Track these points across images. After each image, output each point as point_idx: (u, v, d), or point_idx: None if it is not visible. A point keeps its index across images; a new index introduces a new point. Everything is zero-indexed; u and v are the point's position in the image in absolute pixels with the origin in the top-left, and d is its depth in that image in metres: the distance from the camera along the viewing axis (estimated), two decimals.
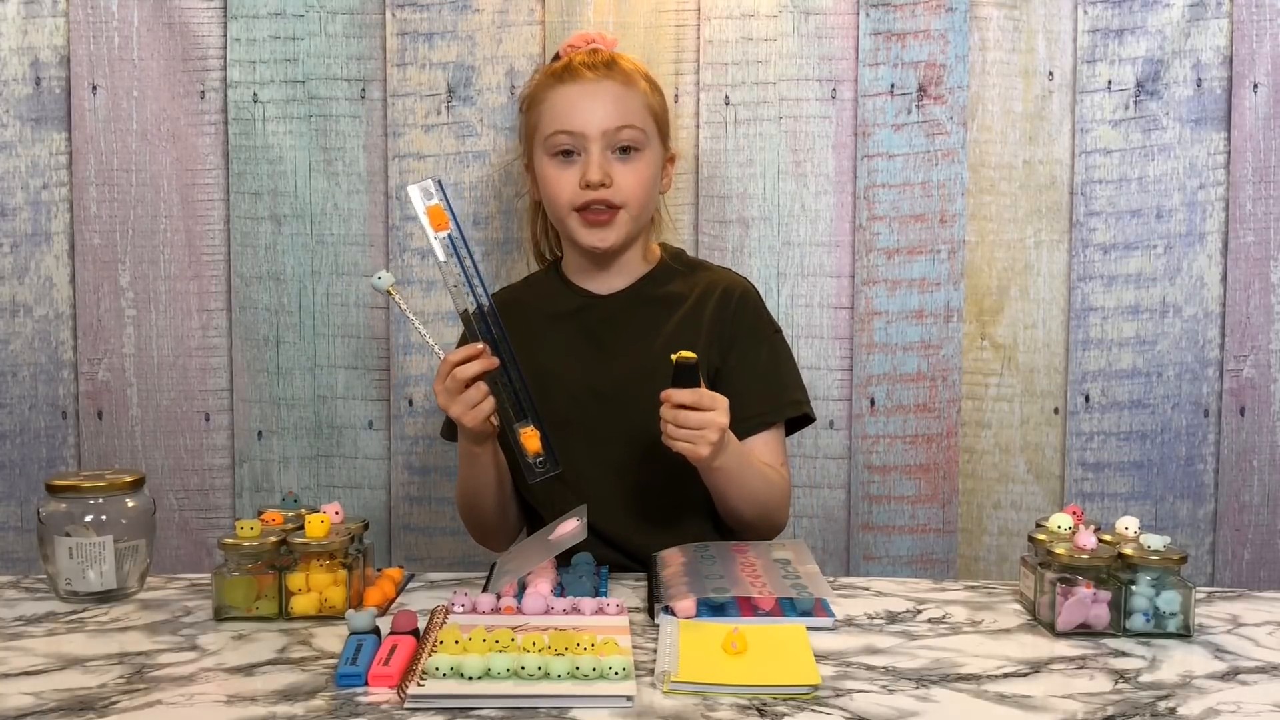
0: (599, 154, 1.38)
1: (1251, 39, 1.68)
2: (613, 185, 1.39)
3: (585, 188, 1.38)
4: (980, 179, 1.72)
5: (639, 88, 1.43)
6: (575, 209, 1.40)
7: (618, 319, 1.44)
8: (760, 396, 1.41)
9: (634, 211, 1.41)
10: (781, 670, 0.95)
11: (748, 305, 1.46)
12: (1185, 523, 1.74)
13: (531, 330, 1.44)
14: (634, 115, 1.41)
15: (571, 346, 1.44)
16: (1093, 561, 1.09)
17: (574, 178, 1.39)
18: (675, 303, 1.45)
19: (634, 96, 1.42)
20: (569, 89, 1.41)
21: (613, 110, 1.39)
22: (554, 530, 1.23)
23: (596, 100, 1.39)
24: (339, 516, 1.19)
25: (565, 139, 1.40)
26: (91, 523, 1.18)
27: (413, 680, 0.91)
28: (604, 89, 1.40)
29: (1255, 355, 1.72)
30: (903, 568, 1.74)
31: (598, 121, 1.39)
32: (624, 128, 1.39)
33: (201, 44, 1.71)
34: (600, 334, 1.44)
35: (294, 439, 1.75)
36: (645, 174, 1.42)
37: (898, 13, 1.70)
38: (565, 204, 1.40)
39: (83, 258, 1.73)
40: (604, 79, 1.41)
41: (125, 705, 0.90)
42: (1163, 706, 0.91)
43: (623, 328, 1.44)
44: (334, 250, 1.73)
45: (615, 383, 1.40)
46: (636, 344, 1.42)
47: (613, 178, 1.39)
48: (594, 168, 1.38)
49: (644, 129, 1.42)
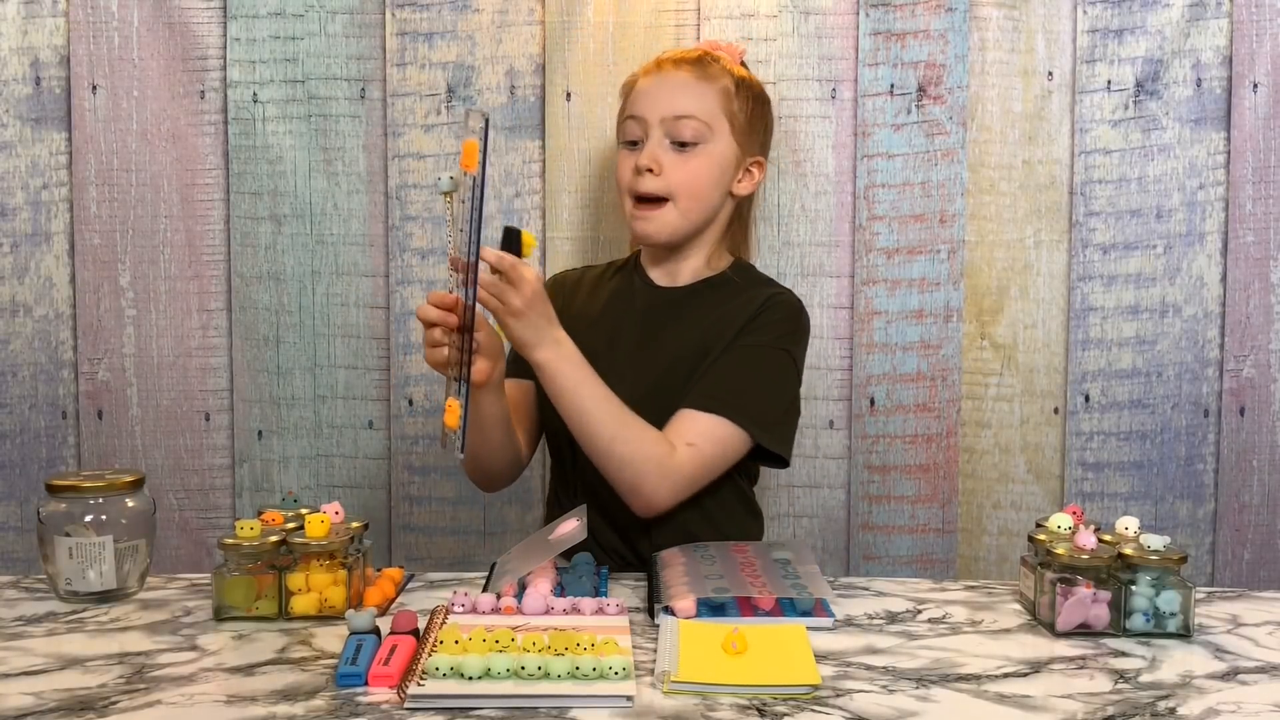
0: (655, 141, 1.40)
1: (1251, 39, 1.68)
2: (661, 174, 1.39)
3: (637, 172, 1.39)
4: (980, 179, 1.72)
5: (718, 84, 1.42)
6: (630, 193, 1.42)
7: (662, 310, 1.44)
8: (712, 383, 1.35)
9: (683, 205, 1.40)
10: (781, 670, 0.95)
11: (772, 308, 1.42)
12: (1185, 523, 1.74)
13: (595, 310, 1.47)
14: (698, 108, 1.40)
15: (618, 327, 1.44)
16: (1093, 561, 1.09)
17: (633, 162, 1.41)
18: (715, 305, 1.43)
19: (708, 91, 1.41)
20: (650, 79, 1.44)
21: (677, 100, 1.40)
22: (554, 530, 1.23)
23: (664, 89, 1.41)
24: (339, 516, 1.19)
25: (632, 125, 1.42)
26: (91, 523, 1.18)
27: (413, 680, 0.91)
28: (675, 79, 1.42)
29: (1255, 355, 1.72)
30: (903, 568, 1.74)
31: (659, 109, 1.40)
32: (684, 118, 1.39)
33: (201, 44, 1.71)
34: (645, 322, 1.45)
35: (294, 439, 1.75)
36: (700, 169, 1.40)
37: (897, 13, 1.70)
38: (624, 188, 1.43)
39: (83, 258, 1.73)
40: (681, 70, 1.42)
41: (125, 705, 0.90)
42: (1163, 706, 0.91)
43: (659, 322, 1.44)
44: (334, 250, 1.73)
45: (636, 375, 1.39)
46: (659, 340, 1.42)
47: (663, 167, 1.39)
48: (645, 154, 1.39)
49: (708, 123, 1.40)
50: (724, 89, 1.42)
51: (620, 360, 1.40)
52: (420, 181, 1.72)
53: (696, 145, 1.40)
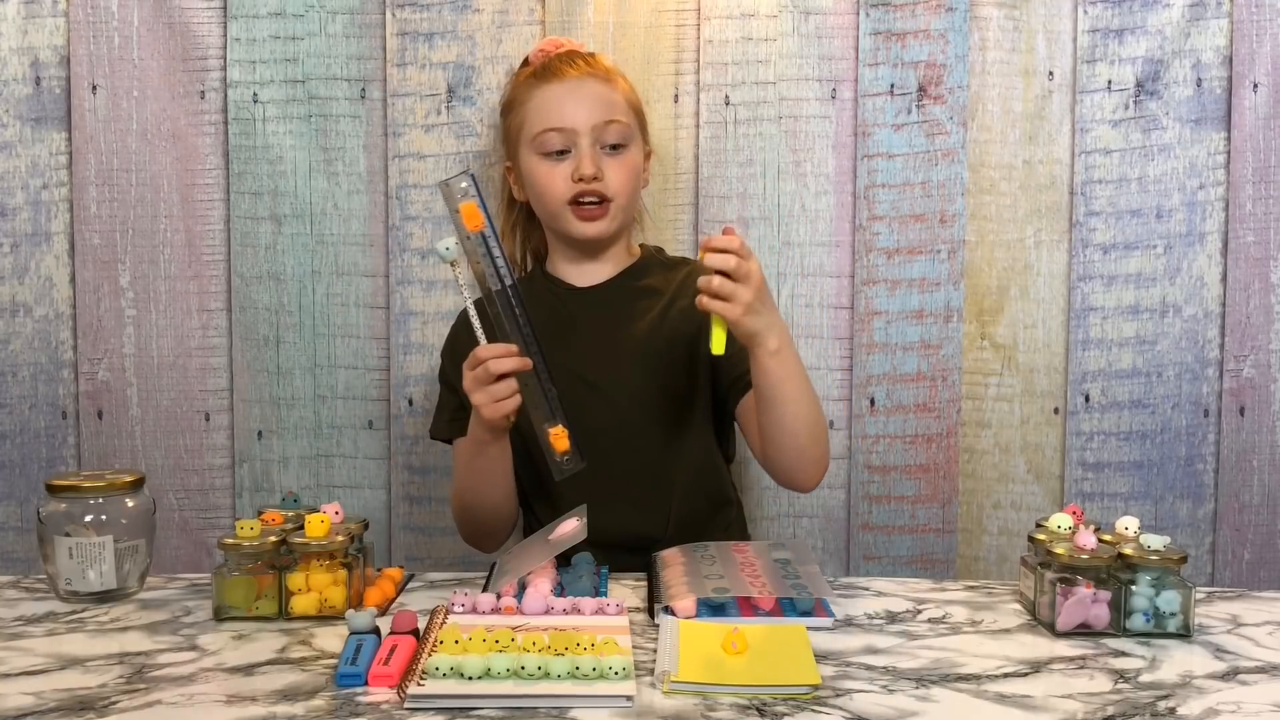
0: (589, 148, 1.41)
1: (1251, 39, 1.68)
2: (604, 179, 1.42)
3: (579, 181, 1.41)
4: (980, 179, 1.72)
5: (620, 85, 1.47)
6: (568, 202, 1.42)
7: (601, 309, 1.46)
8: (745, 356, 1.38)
9: (622, 203, 1.44)
10: (781, 670, 0.95)
11: None
12: (1185, 523, 1.74)
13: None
14: (619, 111, 1.44)
15: (557, 337, 1.44)
16: (1093, 561, 1.09)
17: (566, 172, 1.42)
18: (656, 294, 1.47)
19: (616, 93, 1.46)
20: (553, 88, 1.44)
21: (600, 106, 1.42)
22: (554, 530, 1.23)
23: (582, 96, 1.43)
24: (339, 516, 1.19)
25: (555, 136, 1.42)
26: (91, 523, 1.18)
27: (413, 680, 0.91)
28: (588, 86, 1.44)
29: (1255, 355, 1.72)
30: (903, 568, 1.74)
31: (586, 117, 1.41)
32: (611, 122, 1.42)
33: (201, 44, 1.71)
34: (584, 324, 1.46)
35: (294, 439, 1.75)
36: (632, 167, 1.45)
37: (898, 13, 1.70)
38: (559, 198, 1.43)
39: (83, 258, 1.73)
40: (586, 76, 1.44)
41: (125, 705, 0.90)
42: (1163, 706, 0.91)
43: (606, 317, 1.45)
44: (334, 250, 1.73)
45: (602, 371, 1.42)
46: (620, 332, 1.44)
47: (604, 171, 1.42)
48: (586, 161, 1.41)
49: (629, 124, 1.45)
50: (624, 89, 1.47)
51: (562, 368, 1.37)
52: (420, 181, 1.72)
53: (624, 146, 1.44)
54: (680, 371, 1.44)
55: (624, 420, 1.40)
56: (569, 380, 1.40)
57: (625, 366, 1.42)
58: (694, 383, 1.44)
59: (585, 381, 1.42)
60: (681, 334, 1.43)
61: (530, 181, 1.46)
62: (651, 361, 1.43)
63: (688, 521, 1.43)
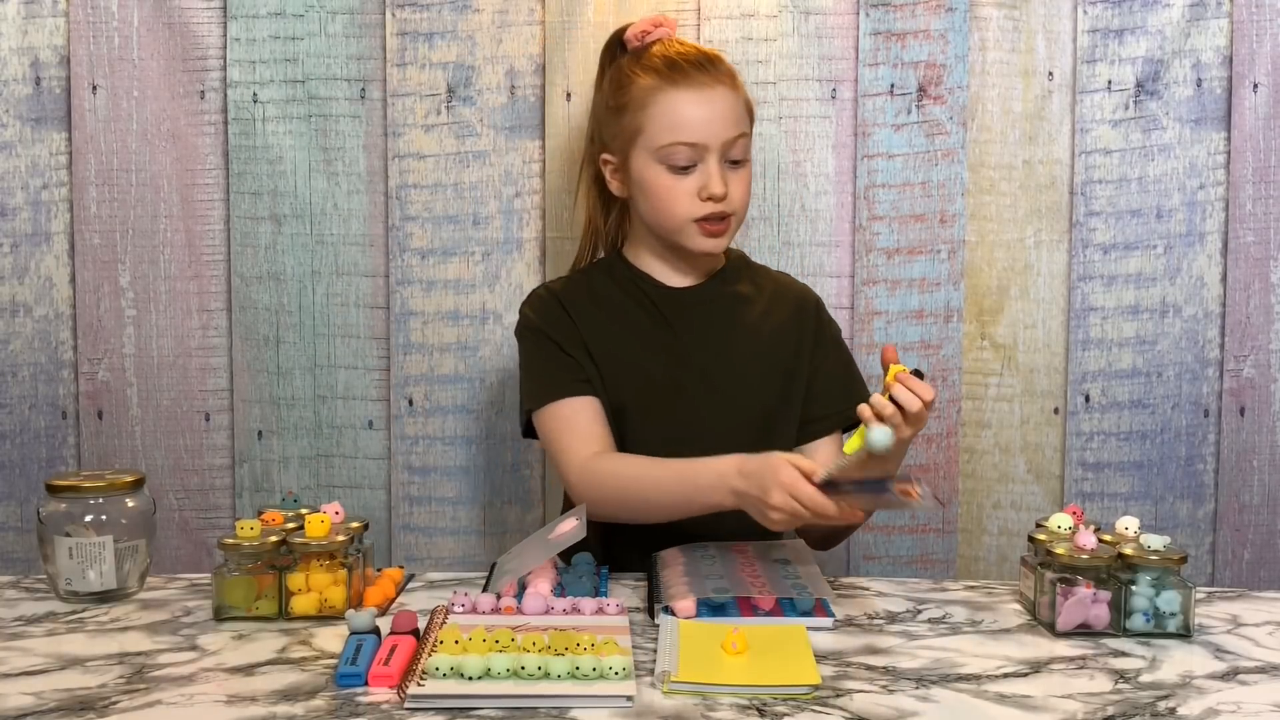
0: (718, 166, 1.35)
1: (1251, 39, 1.68)
2: (729, 197, 1.36)
3: (708, 200, 1.35)
4: (980, 179, 1.72)
5: (742, 91, 1.39)
6: (694, 220, 1.36)
7: (695, 312, 1.43)
8: (834, 397, 1.41)
9: (741, 217, 1.40)
10: (781, 670, 0.95)
11: (823, 313, 1.49)
12: (1185, 523, 1.74)
13: (609, 317, 1.42)
14: (744, 122, 1.38)
15: (648, 335, 1.42)
16: (1093, 561, 1.09)
17: (691, 188, 1.35)
18: (747, 302, 1.45)
19: (741, 101, 1.38)
20: (684, 95, 1.34)
21: (730, 119, 1.35)
22: (554, 530, 1.23)
23: (715, 109, 1.34)
24: (339, 516, 1.19)
25: (684, 151, 1.34)
26: (91, 523, 1.18)
27: (413, 680, 0.91)
28: (719, 96, 1.35)
29: (1255, 355, 1.72)
30: (903, 568, 1.74)
31: (718, 132, 1.34)
32: (739, 137, 1.36)
33: (201, 44, 1.71)
34: (677, 326, 1.42)
35: (294, 439, 1.75)
36: (749, 181, 1.40)
37: (898, 13, 1.69)
38: (684, 215, 1.36)
39: (83, 258, 1.73)
40: (717, 84, 1.36)
41: (125, 705, 0.90)
42: (1163, 706, 0.91)
43: (700, 322, 1.43)
44: (334, 250, 1.73)
45: (692, 375, 1.40)
46: (714, 339, 1.42)
47: (728, 189, 1.35)
48: (716, 181, 1.34)
49: (750, 135, 1.40)
50: (744, 93, 1.40)
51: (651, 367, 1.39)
52: (420, 181, 1.72)
53: (746, 160, 1.39)
54: (777, 382, 1.42)
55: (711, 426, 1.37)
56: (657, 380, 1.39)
57: (715, 372, 1.40)
58: (787, 397, 1.42)
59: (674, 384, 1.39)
60: (781, 347, 1.43)
61: (650, 191, 1.37)
62: (753, 367, 1.41)
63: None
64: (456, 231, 1.72)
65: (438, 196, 1.72)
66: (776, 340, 1.43)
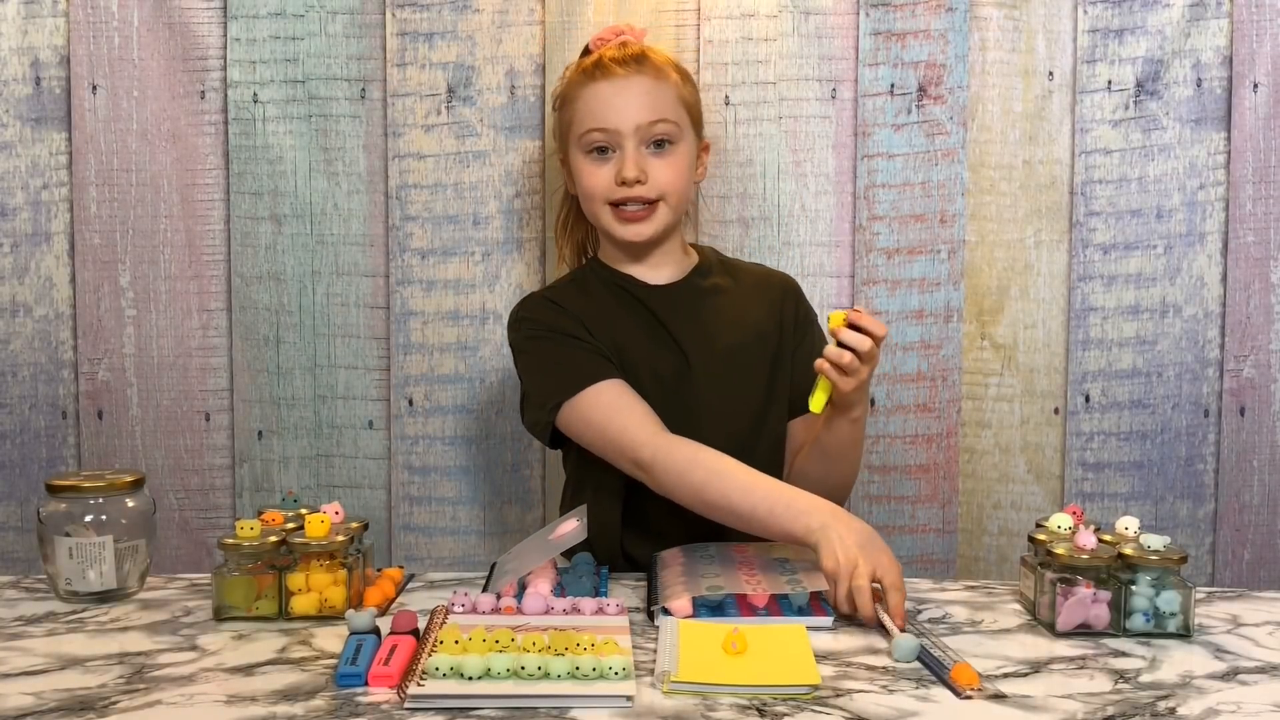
0: (633, 150, 1.40)
1: (1251, 39, 1.68)
2: (648, 181, 1.40)
3: (621, 184, 1.40)
4: (980, 179, 1.72)
5: (670, 80, 1.44)
6: (609, 203, 1.42)
7: (682, 306, 1.45)
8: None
9: (671, 203, 1.43)
10: (781, 670, 0.95)
11: (801, 297, 1.53)
12: (1185, 523, 1.74)
13: (606, 312, 1.44)
14: (666, 109, 1.42)
15: (646, 329, 1.44)
16: (1093, 561, 1.09)
17: (609, 173, 1.41)
18: (728, 294, 1.48)
19: (666, 90, 1.42)
20: (601, 86, 1.41)
21: (645, 105, 1.40)
22: (554, 530, 1.23)
23: (629, 96, 1.40)
24: (339, 516, 1.19)
25: (599, 136, 1.41)
26: (91, 523, 1.18)
27: (413, 680, 0.91)
28: (636, 84, 1.41)
29: (1255, 355, 1.72)
30: (903, 568, 1.73)
31: (631, 117, 1.40)
32: (657, 122, 1.40)
33: (201, 44, 1.71)
34: (668, 320, 1.45)
35: (294, 439, 1.75)
36: (680, 166, 1.43)
37: (898, 13, 1.69)
38: (600, 198, 1.42)
39: (83, 258, 1.73)
40: (635, 74, 1.42)
41: (125, 705, 0.90)
42: (1163, 706, 0.91)
43: (688, 314, 1.45)
44: (334, 250, 1.73)
45: (692, 366, 1.42)
46: (705, 330, 1.44)
47: (648, 173, 1.40)
48: (629, 164, 1.39)
49: (677, 121, 1.42)
50: (675, 83, 1.45)
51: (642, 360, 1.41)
52: (420, 181, 1.72)
53: (672, 144, 1.42)
54: (766, 367, 1.46)
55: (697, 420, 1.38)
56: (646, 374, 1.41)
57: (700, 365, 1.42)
58: (776, 380, 1.46)
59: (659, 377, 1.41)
60: (767, 333, 1.46)
61: (577, 180, 1.45)
62: (743, 355, 1.45)
63: None
64: (456, 231, 1.73)
65: (438, 196, 1.72)
66: (762, 327, 1.47)
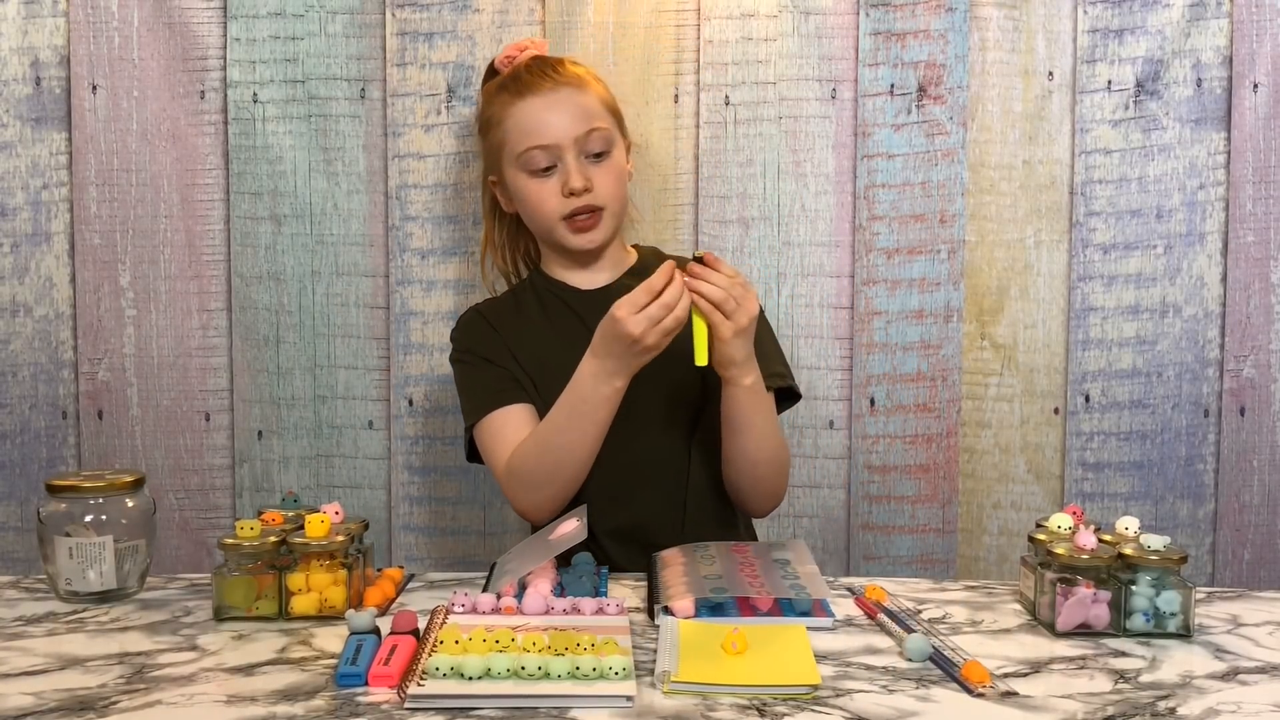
0: (574, 161, 1.42)
1: (1251, 39, 1.68)
2: (594, 188, 1.42)
3: (570, 195, 1.42)
4: (980, 179, 1.72)
5: (592, 87, 1.47)
6: (562, 217, 1.43)
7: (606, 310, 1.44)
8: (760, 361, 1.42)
9: (614, 208, 1.46)
10: (781, 670, 0.95)
11: None
12: (1185, 523, 1.74)
13: (532, 327, 1.47)
14: (597, 116, 1.44)
15: (570, 338, 1.43)
16: (1093, 561, 1.09)
17: (555, 188, 1.43)
18: None
19: (590, 97, 1.46)
20: (530, 102, 1.44)
21: (578, 116, 1.43)
22: (554, 530, 1.23)
23: (560, 109, 1.43)
24: (339, 516, 1.19)
25: (540, 154, 1.42)
26: (91, 523, 1.18)
27: (413, 680, 0.91)
28: (564, 96, 1.44)
29: (1255, 355, 1.72)
30: (903, 568, 1.74)
31: (568, 130, 1.42)
32: (592, 130, 1.43)
33: (201, 44, 1.71)
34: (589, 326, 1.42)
35: (294, 439, 1.75)
36: (619, 171, 1.46)
37: (898, 13, 1.69)
38: (552, 214, 1.44)
39: (83, 258, 1.73)
40: (561, 86, 1.44)
41: (125, 705, 0.90)
42: (1163, 706, 0.91)
43: None
44: (334, 250, 1.73)
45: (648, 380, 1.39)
46: None
47: (593, 181, 1.42)
48: (575, 176, 1.41)
49: (608, 127, 1.45)
50: (597, 90, 1.47)
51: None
52: (420, 182, 1.72)
53: (607, 151, 1.45)
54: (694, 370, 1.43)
55: (641, 419, 1.39)
56: None
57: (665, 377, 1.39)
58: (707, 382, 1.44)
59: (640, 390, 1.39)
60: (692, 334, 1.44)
61: (521, 199, 1.47)
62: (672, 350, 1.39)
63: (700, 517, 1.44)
64: (457, 231, 1.72)
65: (438, 196, 1.72)
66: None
